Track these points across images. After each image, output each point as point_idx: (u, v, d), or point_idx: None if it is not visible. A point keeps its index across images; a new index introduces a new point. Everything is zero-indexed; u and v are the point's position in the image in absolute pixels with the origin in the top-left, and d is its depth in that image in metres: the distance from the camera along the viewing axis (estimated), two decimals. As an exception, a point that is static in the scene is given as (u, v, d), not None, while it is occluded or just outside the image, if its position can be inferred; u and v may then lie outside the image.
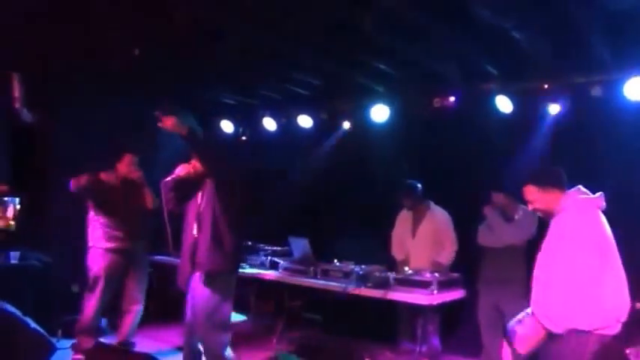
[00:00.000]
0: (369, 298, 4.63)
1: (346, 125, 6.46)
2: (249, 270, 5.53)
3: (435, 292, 4.41)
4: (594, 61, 4.58)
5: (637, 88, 4.52)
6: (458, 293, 4.74)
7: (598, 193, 3.01)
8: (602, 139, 4.74)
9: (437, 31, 4.31)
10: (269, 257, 5.64)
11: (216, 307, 3.65)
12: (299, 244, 5.28)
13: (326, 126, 6.59)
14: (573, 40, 4.24)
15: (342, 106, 6.40)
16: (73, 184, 4.71)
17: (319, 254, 5.24)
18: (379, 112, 5.91)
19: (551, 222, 3.04)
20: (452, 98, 5.43)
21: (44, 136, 5.84)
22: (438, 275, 4.57)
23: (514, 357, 3.13)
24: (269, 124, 6.85)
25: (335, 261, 5.19)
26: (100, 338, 4.74)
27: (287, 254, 5.59)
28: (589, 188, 3.06)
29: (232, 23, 4.34)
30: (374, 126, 6.05)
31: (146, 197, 4.94)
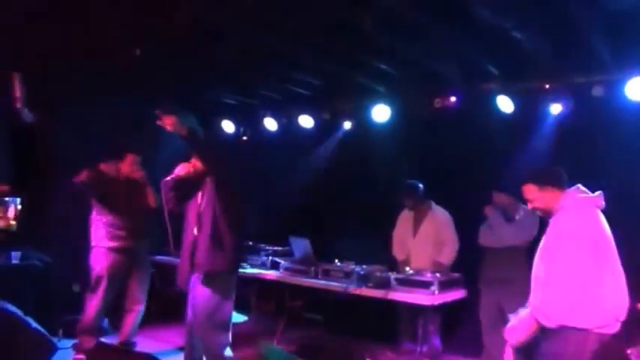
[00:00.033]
0: (370, 298, 4.63)
1: (347, 125, 6.46)
2: (250, 270, 5.53)
3: (436, 292, 4.41)
4: (595, 61, 4.58)
5: (638, 88, 4.52)
6: (459, 293, 4.74)
7: (597, 192, 3.01)
8: (603, 139, 4.74)
9: (437, 31, 4.31)
10: (270, 257, 5.64)
11: (217, 307, 3.66)
12: (300, 244, 5.28)
13: (327, 126, 6.59)
14: (574, 40, 4.24)
15: (342, 106, 6.40)
16: (75, 181, 4.72)
17: (320, 254, 5.24)
18: (380, 112, 5.91)
19: (551, 221, 3.04)
20: (453, 98, 5.43)
21: (45, 136, 5.84)
22: (439, 275, 4.57)
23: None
24: (270, 124, 6.85)
25: (336, 261, 5.18)
26: (101, 338, 4.75)
27: (288, 254, 5.59)
28: (590, 188, 3.06)
29: (233, 23, 4.34)
30: (375, 126, 6.04)
31: (149, 196, 4.95)
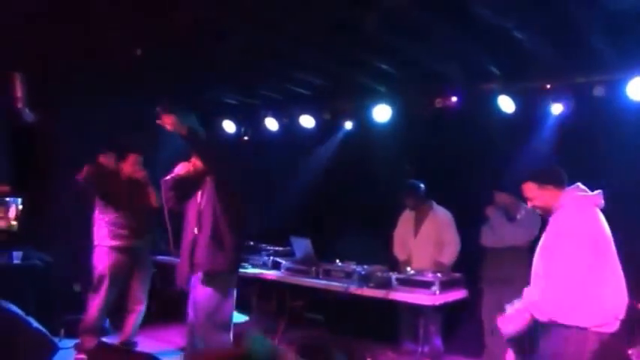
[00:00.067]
0: (371, 298, 4.62)
1: (348, 125, 6.45)
2: (251, 270, 5.53)
3: (437, 292, 4.40)
4: (596, 61, 4.57)
5: (639, 88, 4.51)
6: (460, 293, 4.73)
7: (596, 191, 3.02)
8: (604, 138, 4.73)
9: (438, 31, 4.31)
10: (271, 257, 5.64)
11: (217, 307, 3.66)
12: (301, 244, 5.28)
13: (328, 126, 6.58)
14: (575, 40, 4.24)
15: (343, 106, 6.39)
16: (77, 178, 4.73)
17: (321, 254, 5.23)
18: (381, 112, 5.90)
19: (550, 219, 3.05)
20: (454, 98, 5.42)
21: (45, 136, 5.85)
22: (440, 275, 4.57)
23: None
24: (271, 124, 6.84)
25: (337, 261, 5.18)
26: (102, 338, 4.75)
27: (289, 254, 5.59)
28: (591, 188, 3.06)
29: (234, 23, 4.34)
30: (376, 126, 6.04)
31: (151, 196, 4.96)
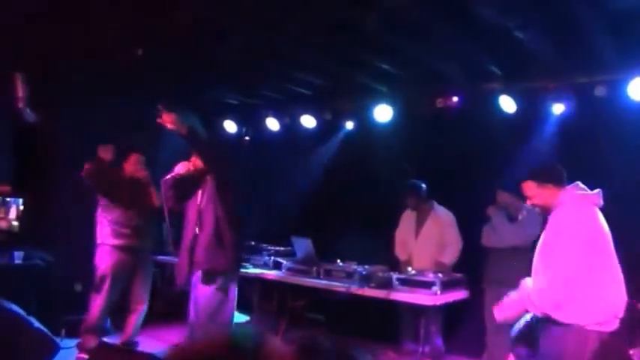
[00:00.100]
0: (372, 298, 4.63)
1: (349, 125, 6.45)
2: (253, 270, 5.53)
3: (438, 292, 4.41)
4: (598, 61, 4.57)
5: (641, 88, 4.52)
6: (461, 293, 4.74)
7: (596, 190, 3.01)
8: (605, 138, 4.72)
9: (440, 31, 4.31)
10: (272, 257, 5.64)
11: (218, 306, 3.66)
12: (302, 244, 5.28)
13: (329, 126, 6.58)
14: (576, 39, 4.23)
15: (344, 106, 6.39)
16: (82, 175, 4.72)
17: (322, 254, 5.24)
18: (382, 112, 5.90)
19: (549, 217, 3.05)
20: (455, 98, 5.42)
21: (46, 136, 5.85)
22: (441, 275, 4.57)
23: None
24: (272, 125, 6.84)
25: (338, 261, 5.19)
26: (103, 338, 4.75)
27: (290, 254, 5.60)
28: (592, 188, 3.05)
29: (234, 23, 4.33)
30: (377, 126, 6.04)
31: (152, 196, 4.96)
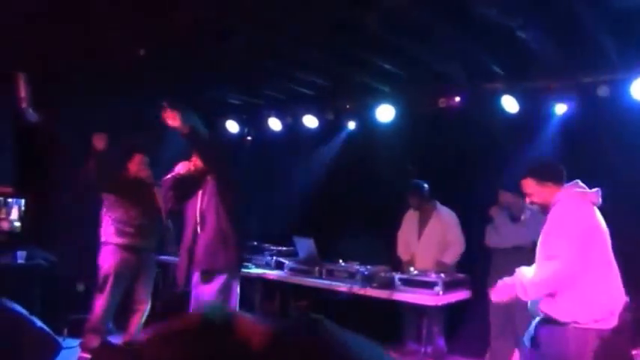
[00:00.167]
0: (375, 298, 4.62)
1: (351, 125, 6.45)
2: (255, 270, 5.53)
3: (441, 292, 4.40)
4: (601, 61, 4.56)
5: (644, 88, 4.50)
6: (463, 294, 4.73)
7: (594, 189, 3.01)
8: (608, 138, 4.71)
9: (442, 31, 4.30)
10: (274, 257, 5.64)
11: (220, 306, 3.66)
12: (304, 245, 5.28)
13: (331, 126, 6.58)
14: (579, 39, 4.22)
15: (347, 106, 6.39)
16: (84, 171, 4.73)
17: (324, 254, 5.23)
18: (384, 112, 5.90)
19: (548, 215, 3.05)
20: (457, 98, 5.41)
21: (48, 136, 5.86)
22: (444, 276, 4.56)
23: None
24: (274, 124, 6.84)
25: (340, 261, 5.18)
26: (106, 337, 4.76)
27: (292, 254, 5.59)
28: (595, 187, 3.04)
29: (234, 23, 4.33)
30: (379, 126, 6.03)
31: (155, 196, 4.96)
